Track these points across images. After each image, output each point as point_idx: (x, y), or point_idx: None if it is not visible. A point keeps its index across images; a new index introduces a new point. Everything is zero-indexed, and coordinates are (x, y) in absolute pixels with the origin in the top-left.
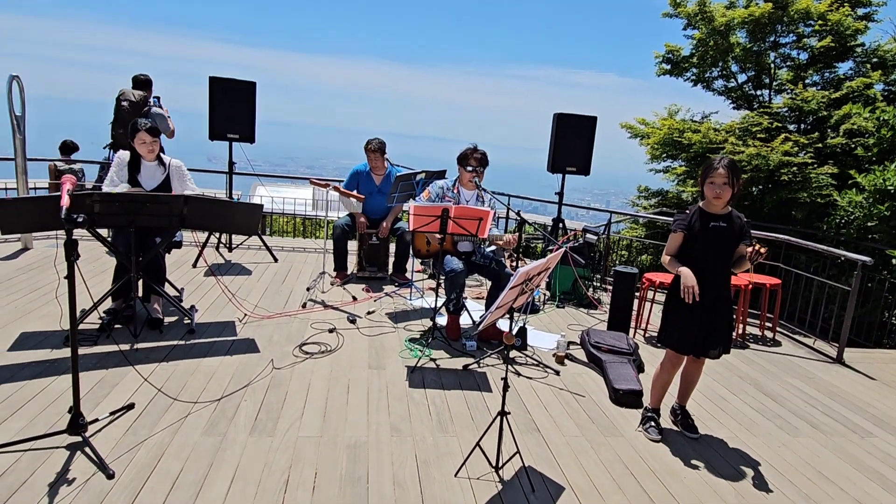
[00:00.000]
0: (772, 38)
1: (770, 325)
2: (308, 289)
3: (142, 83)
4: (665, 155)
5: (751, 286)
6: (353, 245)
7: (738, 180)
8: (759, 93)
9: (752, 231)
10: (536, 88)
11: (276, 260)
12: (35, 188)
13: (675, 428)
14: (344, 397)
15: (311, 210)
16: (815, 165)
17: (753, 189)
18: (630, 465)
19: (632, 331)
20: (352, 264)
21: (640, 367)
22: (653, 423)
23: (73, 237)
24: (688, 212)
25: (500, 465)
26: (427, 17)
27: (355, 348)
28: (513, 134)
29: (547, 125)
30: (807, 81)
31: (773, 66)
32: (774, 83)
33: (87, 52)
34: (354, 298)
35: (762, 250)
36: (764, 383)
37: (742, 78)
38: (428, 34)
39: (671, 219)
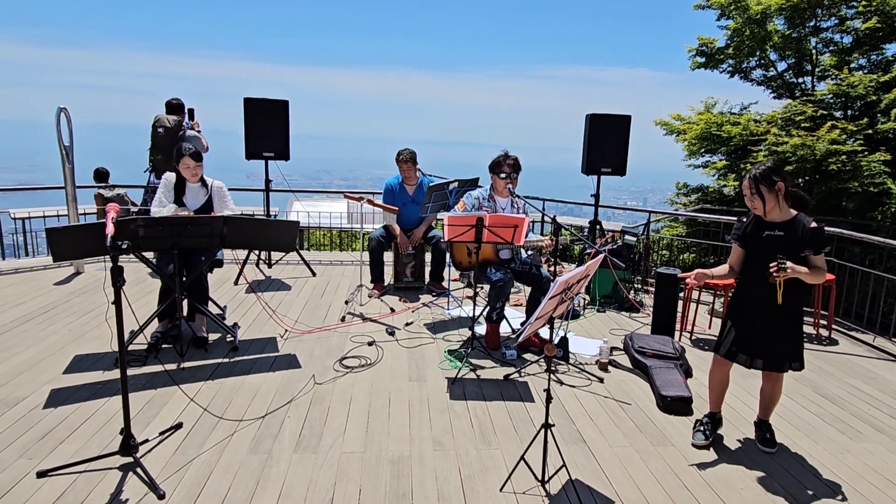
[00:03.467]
0: (812, 23)
1: (825, 322)
2: (346, 302)
3: (175, 107)
4: (703, 150)
5: None
6: (389, 256)
7: (771, 187)
8: (800, 80)
9: (820, 238)
10: (566, 88)
11: (314, 274)
12: (84, 213)
13: (743, 439)
14: (385, 411)
15: (346, 223)
16: (866, 153)
17: (800, 180)
18: (682, 475)
19: (677, 334)
20: (388, 275)
21: (687, 372)
22: (701, 428)
23: (119, 262)
24: (744, 220)
25: (547, 478)
26: (452, 23)
27: (395, 361)
28: (543, 135)
29: (578, 124)
30: (852, 65)
31: (814, 51)
32: (817, 69)
33: (121, 77)
34: (392, 310)
35: (775, 273)
36: (822, 385)
37: (782, 66)
38: (453, 40)
39: (713, 216)
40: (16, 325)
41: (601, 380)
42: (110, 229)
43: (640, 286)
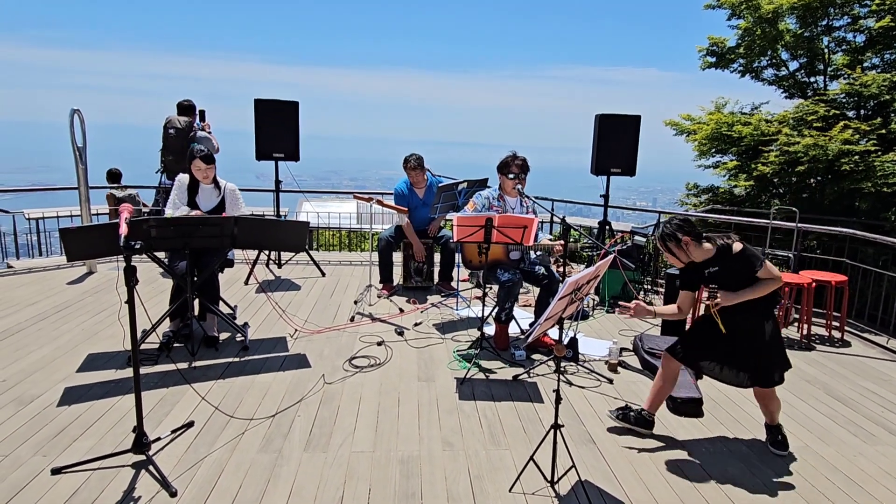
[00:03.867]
0: (824, 22)
1: (837, 324)
2: (356, 302)
3: (186, 108)
4: (714, 150)
5: (814, 284)
6: (398, 256)
7: (678, 244)
8: (812, 80)
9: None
10: (574, 88)
11: (323, 274)
12: (97, 214)
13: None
14: (395, 411)
15: (355, 223)
16: (880, 153)
17: (811, 181)
18: (692, 477)
19: None
20: (397, 276)
21: (698, 374)
22: (623, 412)
23: (132, 262)
24: (678, 270)
25: (556, 479)
26: (460, 24)
27: (404, 361)
28: (551, 135)
29: (587, 124)
30: (865, 65)
31: (826, 51)
32: (829, 69)
33: (134, 79)
34: (401, 310)
35: (709, 302)
36: (834, 387)
37: (794, 65)
38: (462, 41)
39: (723, 217)
40: (30, 325)
41: (611, 381)
42: (124, 229)
43: (649, 287)
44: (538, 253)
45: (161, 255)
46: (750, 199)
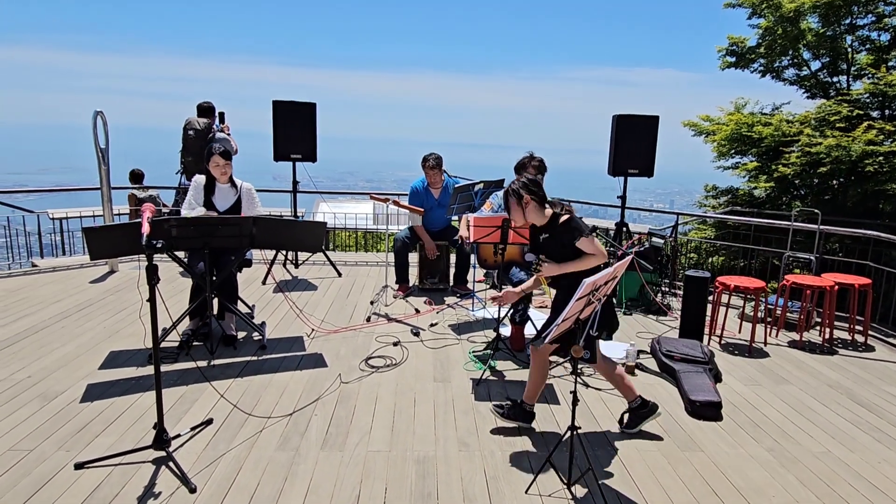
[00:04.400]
0: (847, 21)
1: (861, 328)
2: (372, 302)
3: (205, 110)
4: (733, 151)
5: (837, 287)
6: (413, 257)
7: (518, 201)
8: (835, 80)
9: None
10: (592, 89)
11: (339, 274)
12: (119, 214)
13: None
14: (411, 411)
15: (371, 224)
16: None
17: (834, 182)
18: (712, 481)
19: (706, 338)
20: (413, 276)
21: (717, 377)
22: (501, 407)
23: (154, 262)
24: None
25: (572, 481)
26: (476, 26)
27: (420, 361)
28: (569, 136)
29: (604, 125)
30: (890, 64)
31: (850, 50)
32: (852, 68)
33: (154, 81)
34: (417, 311)
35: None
36: (857, 392)
37: (816, 65)
38: (479, 44)
39: (743, 218)
40: (54, 322)
41: None
42: (146, 229)
43: (667, 289)
44: None
45: (180, 254)
46: (770, 200)
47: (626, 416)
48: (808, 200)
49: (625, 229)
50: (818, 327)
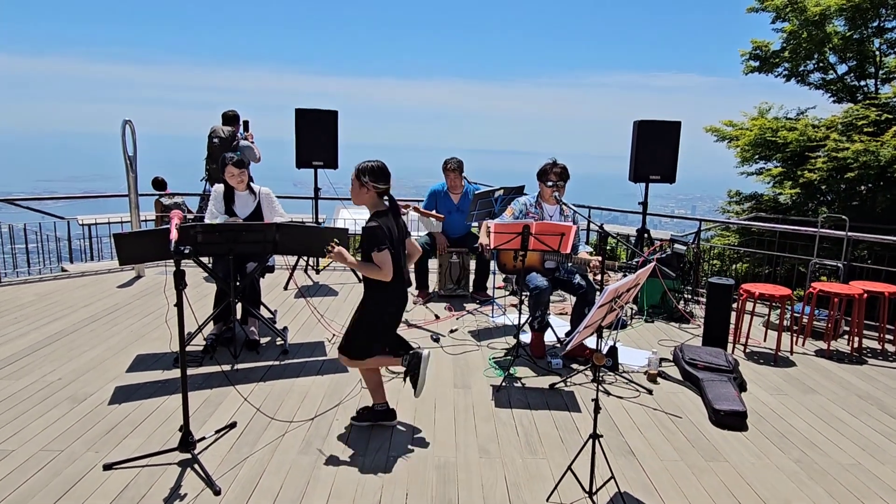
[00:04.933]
0: (875, 24)
1: (891, 337)
2: None
3: (230, 119)
4: (757, 156)
5: (866, 295)
6: (433, 263)
7: (360, 184)
8: (862, 83)
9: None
10: (612, 95)
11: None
12: (146, 220)
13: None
14: (431, 417)
15: None
16: None
17: (862, 188)
18: (737, 493)
19: (730, 346)
20: (433, 283)
21: (741, 386)
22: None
23: (181, 267)
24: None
25: (594, 490)
26: (497, 33)
27: (440, 367)
28: (589, 142)
29: (623, 131)
30: None
31: (878, 53)
32: (881, 72)
33: (179, 91)
34: (437, 317)
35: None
36: (888, 403)
37: (842, 69)
38: (499, 51)
39: (768, 225)
40: (83, 325)
41: (650, 391)
42: (174, 235)
43: (689, 296)
44: (571, 263)
45: (204, 259)
46: (796, 206)
47: (363, 411)
48: (835, 206)
49: (646, 236)
50: (846, 336)
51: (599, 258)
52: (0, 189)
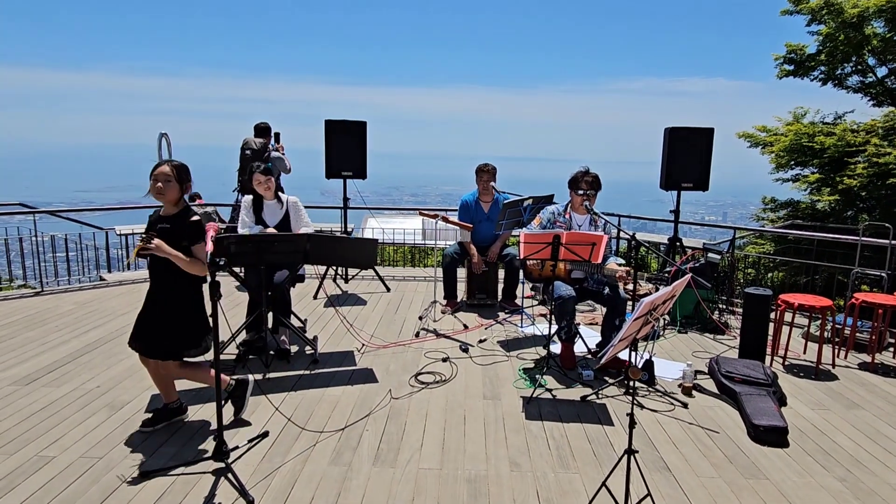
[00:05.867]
0: None
1: None
2: (420, 318)
3: (262, 130)
4: (793, 162)
5: None
6: (462, 273)
7: (184, 177)
8: None
9: None
10: (637, 101)
11: (388, 290)
12: None
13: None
14: (461, 428)
15: (419, 239)
16: None
17: None
18: None
19: (768, 359)
20: (461, 292)
21: (781, 400)
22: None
23: (216, 279)
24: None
25: None
26: (520, 42)
27: (469, 378)
28: (615, 149)
29: (651, 137)
30: None
31: None
32: None
33: (211, 103)
34: (466, 327)
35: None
36: None
37: (882, 71)
38: (522, 60)
39: (805, 233)
40: (121, 334)
41: (685, 405)
42: (210, 247)
43: (724, 306)
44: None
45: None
46: (834, 214)
47: (158, 412)
48: (877, 213)
49: (678, 244)
50: (891, 349)
51: (627, 269)
52: (41, 200)
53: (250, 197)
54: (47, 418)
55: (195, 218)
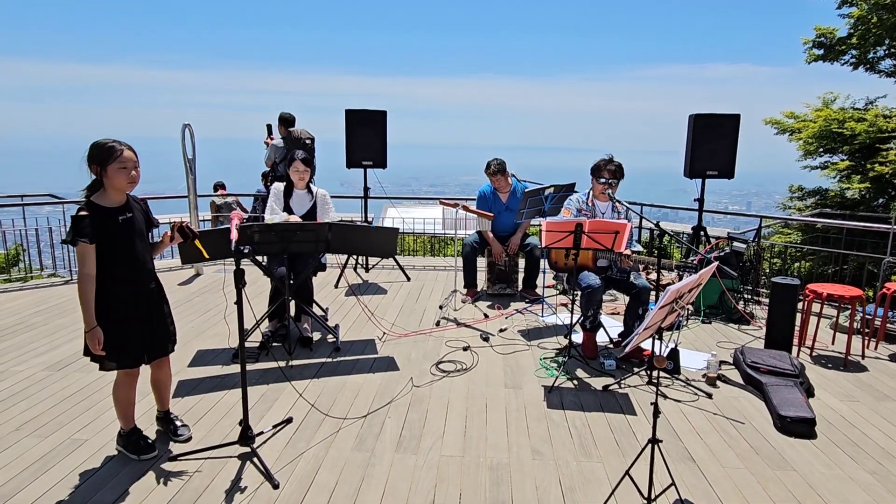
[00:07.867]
0: None
1: None
2: (441, 307)
3: (286, 121)
4: (822, 149)
5: None
6: (482, 262)
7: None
8: None
9: None
10: (661, 89)
11: (408, 279)
12: (203, 220)
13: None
14: (482, 416)
15: (440, 228)
16: None
17: None
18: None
19: (794, 349)
20: (481, 281)
21: (808, 391)
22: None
23: (241, 266)
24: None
25: (653, 496)
26: (537, 30)
27: (490, 367)
28: (638, 137)
29: (674, 125)
30: None
31: None
32: None
33: (230, 94)
34: (486, 316)
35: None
36: None
37: None
38: (543, 48)
39: (834, 222)
40: None
41: (710, 395)
42: (235, 235)
43: (749, 296)
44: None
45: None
46: (865, 202)
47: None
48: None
49: (703, 233)
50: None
51: (627, 252)
52: (69, 192)
53: (282, 184)
54: (79, 402)
55: (141, 197)
